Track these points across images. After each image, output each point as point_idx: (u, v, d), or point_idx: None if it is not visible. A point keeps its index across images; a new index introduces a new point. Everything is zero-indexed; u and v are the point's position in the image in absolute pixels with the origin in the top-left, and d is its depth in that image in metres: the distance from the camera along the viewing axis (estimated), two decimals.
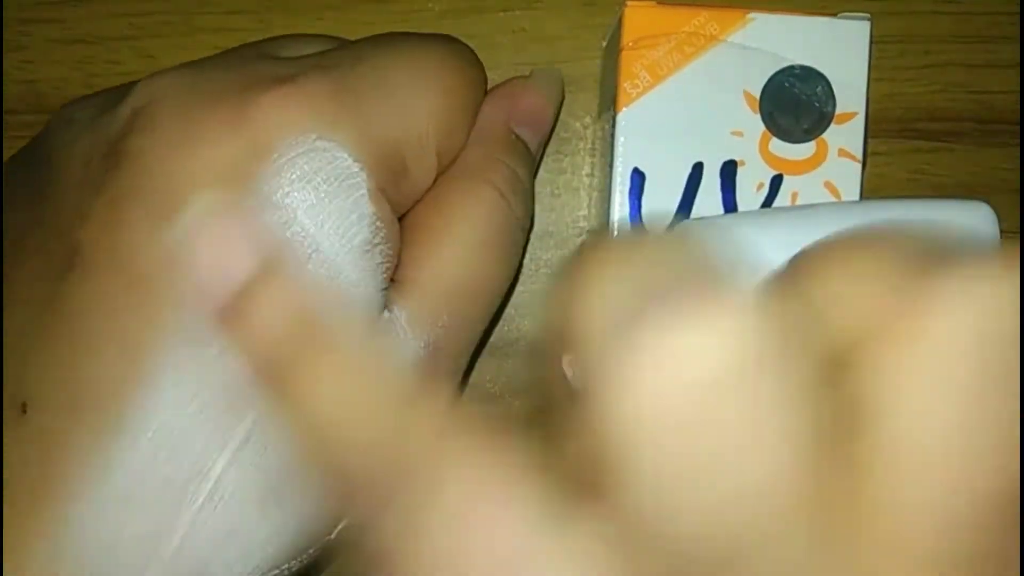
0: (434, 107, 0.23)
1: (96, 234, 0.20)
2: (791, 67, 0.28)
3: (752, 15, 0.28)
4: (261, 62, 0.22)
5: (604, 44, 0.32)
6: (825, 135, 0.28)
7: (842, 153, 0.28)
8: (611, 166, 0.28)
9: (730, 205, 0.28)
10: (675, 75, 0.28)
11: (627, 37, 0.28)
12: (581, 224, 0.33)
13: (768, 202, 0.28)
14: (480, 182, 0.24)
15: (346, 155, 0.21)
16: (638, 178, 0.28)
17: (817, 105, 0.28)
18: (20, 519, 0.19)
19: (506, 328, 0.33)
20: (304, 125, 0.21)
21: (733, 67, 0.28)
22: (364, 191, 0.21)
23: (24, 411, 0.19)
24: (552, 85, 0.29)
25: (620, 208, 0.27)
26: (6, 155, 0.32)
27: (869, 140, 0.29)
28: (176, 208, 0.19)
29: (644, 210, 0.27)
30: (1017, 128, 0.33)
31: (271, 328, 0.15)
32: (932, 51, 0.33)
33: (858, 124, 0.28)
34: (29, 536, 0.19)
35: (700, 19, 0.28)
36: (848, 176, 0.28)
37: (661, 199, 0.27)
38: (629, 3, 0.28)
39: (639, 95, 0.28)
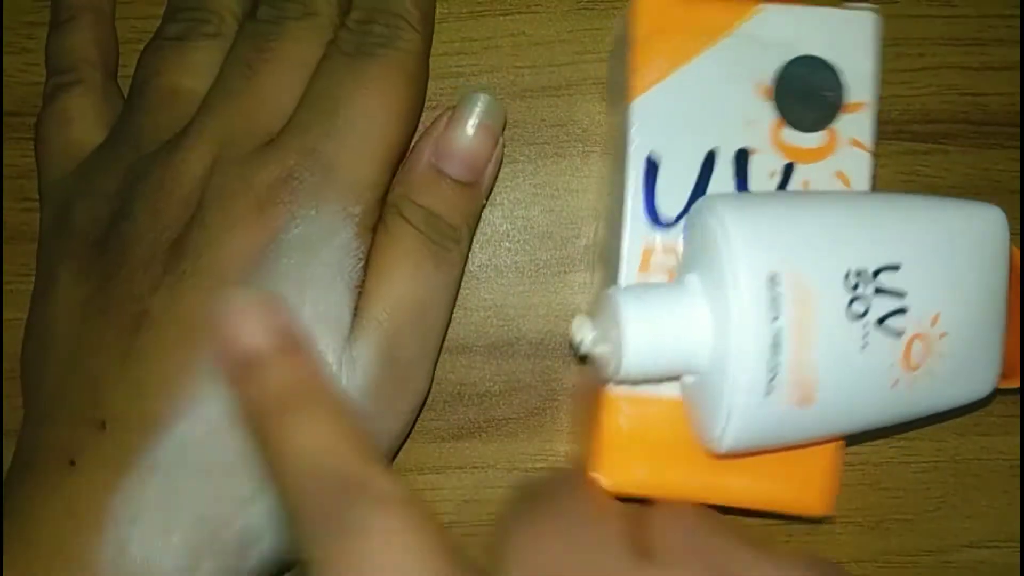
0: (390, 136, 0.28)
1: (165, 303, 0.26)
2: (801, 57, 0.28)
3: (761, 6, 0.28)
4: (269, 158, 0.27)
5: (613, 43, 0.32)
6: (835, 125, 0.28)
7: (853, 143, 0.28)
8: (624, 156, 0.28)
9: (744, 191, 0.28)
10: (687, 65, 0.28)
11: (640, 28, 0.28)
12: (580, 225, 0.33)
13: (780, 188, 0.28)
14: (394, 218, 0.28)
15: (334, 213, 0.27)
16: (651, 167, 0.27)
17: (827, 95, 0.28)
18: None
19: (506, 328, 0.33)
20: (302, 204, 0.27)
21: (744, 57, 0.28)
22: (351, 234, 0.27)
23: (103, 427, 0.26)
24: (481, 110, 0.30)
25: (634, 196, 0.27)
26: (7, 155, 0.33)
27: None
28: (220, 286, 0.26)
29: (657, 198, 0.28)
30: (1010, 130, 0.33)
31: (264, 390, 0.20)
32: (927, 54, 0.33)
33: (867, 114, 0.28)
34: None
35: (711, 10, 0.28)
36: (859, 165, 0.28)
37: (674, 187, 0.27)
38: None
39: (651, 84, 0.28)
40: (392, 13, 0.28)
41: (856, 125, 0.28)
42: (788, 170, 0.28)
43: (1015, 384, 0.28)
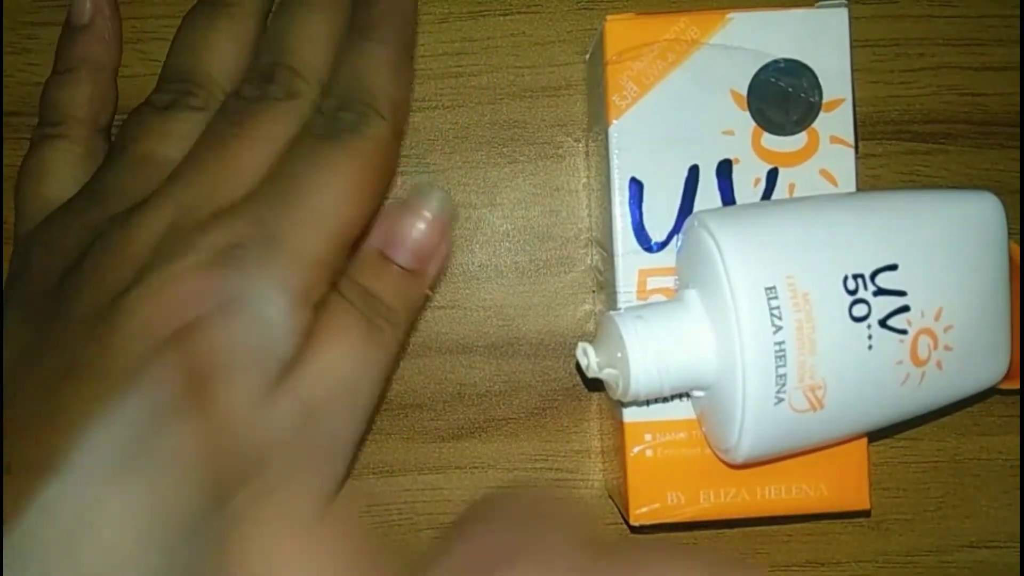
0: (342, 217, 0.28)
1: (92, 354, 0.26)
2: (774, 61, 0.28)
3: (730, 15, 0.28)
4: (219, 224, 0.28)
5: (587, 57, 0.32)
6: (815, 124, 0.28)
7: (834, 140, 0.28)
8: (608, 178, 0.28)
9: (729, 203, 0.28)
10: (661, 83, 0.28)
11: (610, 51, 0.28)
12: (580, 225, 0.33)
13: (766, 196, 0.28)
14: (333, 295, 0.29)
15: (271, 285, 0.27)
16: (636, 187, 0.28)
17: (804, 96, 0.28)
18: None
19: (506, 328, 0.33)
20: (242, 271, 0.27)
21: (717, 68, 0.28)
22: (285, 307, 0.27)
23: (9, 471, 0.25)
24: (430, 203, 0.30)
25: (622, 218, 0.28)
26: (8, 156, 0.33)
27: (864, 143, 0.29)
28: (151, 339, 0.26)
29: (645, 217, 0.28)
30: (1010, 130, 0.33)
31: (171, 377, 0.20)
32: (926, 54, 0.33)
33: (846, 110, 0.28)
34: None
35: (680, 25, 0.28)
36: (842, 162, 0.28)
37: (661, 205, 0.28)
38: (609, 17, 0.28)
39: (628, 106, 0.28)
40: (363, 102, 0.29)
41: (836, 122, 0.28)
42: (772, 175, 0.28)
43: (1015, 386, 0.28)
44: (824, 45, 0.28)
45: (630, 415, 0.28)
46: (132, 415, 0.25)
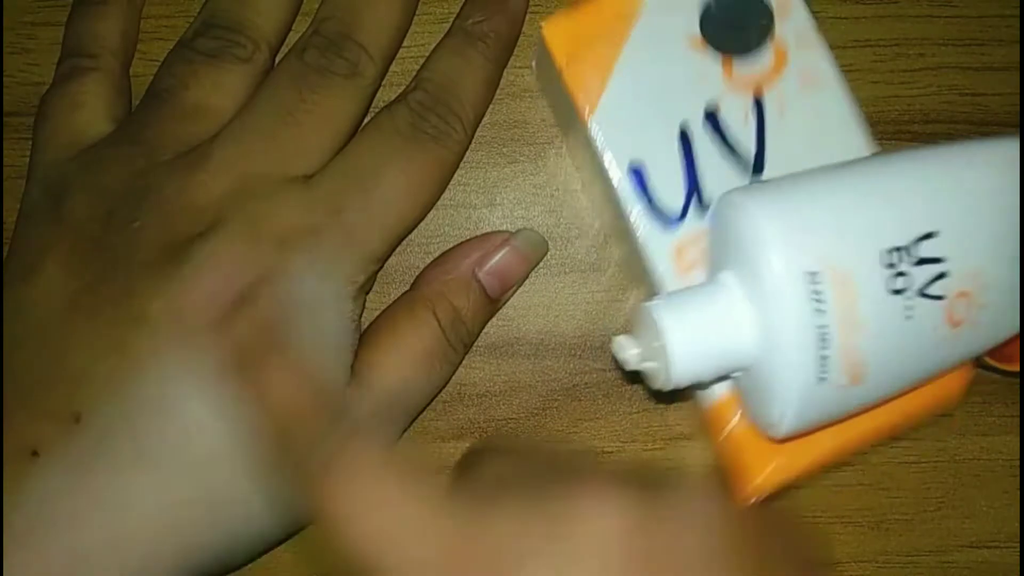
0: (408, 221, 0.30)
1: (164, 306, 0.26)
2: None
3: None
4: (295, 204, 0.28)
5: (533, 64, 0.32)
6: (777, 34, 0.28)
7: (800, 44, 0.28)
8: (604, 173, 0.28)
9: (729, 150, 0.28)
10: (618, 63, 0.27)
11: (559, 55, 0.28)
12: (579, 226, 0.33)
13: (761, 126, 0.28)
14: (425, 310, 0.30)
15: (342, 279, 0.28)
16: (636, 173, 0.27)
17: (754, 6, 0.28)
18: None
19: (506, 328, 0.33)
20: (316, 259, 0.28)
21: (664, 24, 0.28)
22: (350, 300, 0.28)
23: (78, 420, 0.25)
24: (533, 248, 0.32)
25: (635, 207, 0.27)
26: (7, 155, 0.33)
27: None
28: (221, 299, 0.26)
29: (655, 197, 0.27)
30: (1010, 130, 0.33)
31: (242, 336, 0.21)
32: (927, 54, 0.33)
33: (799, 7, 0.28)
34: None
35: (611, 1, 0.28)
36: (816, 61, 0.28)
37: (666, 178, 0.27)
38: (544, 23, 0.28)
39: (597, 99, 0.27)
40: (453, 111, 0.29)
41: (794, 24, 0.28)
42: (759, 106, 0.28)
43: (1015, 368, 0.28)
44: None
45: (708, 399, 0.27)
46: (196, 374, 0.26)
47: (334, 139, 0.29)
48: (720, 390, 0.27)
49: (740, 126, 0.28)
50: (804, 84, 0.28)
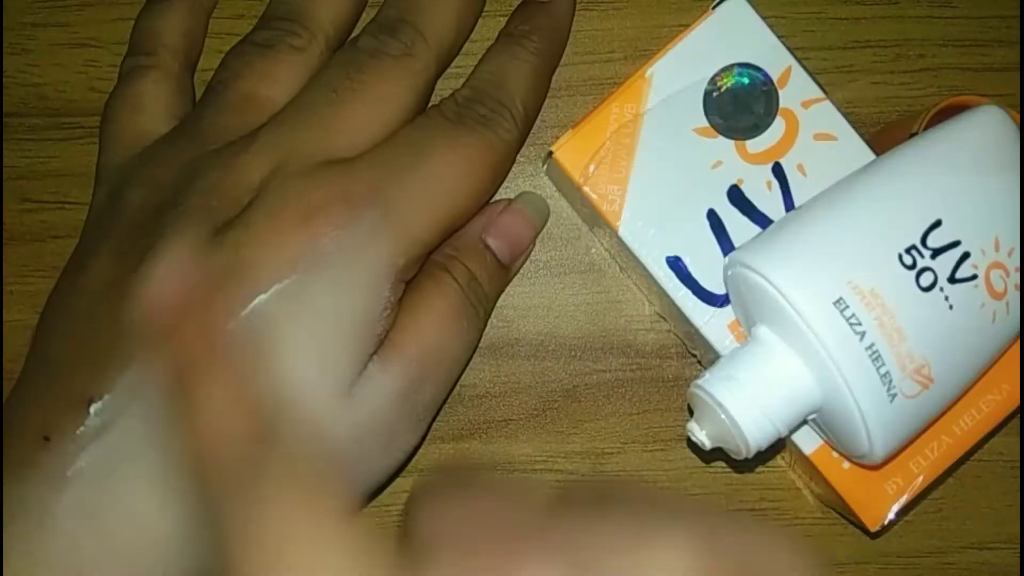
0: (453, 206, 0.29)
1: None
2: (710, 80, 0.28)
3: (648, 71, 0.28)
4: (332, 177, 0.27)
5: (544, 169, 0.32)
6: (782, 104, 0.28)
7: (806, 104, 0.28)
8: (644, 268, 0.28)
9: (758, 220, 0.28)
10: (634, 169, 0.28)
11: (576, 175, 0.28)
12: (580, 225, 0.33)
13: (785, 189, 0.28)
14: (443, 272, 0.29)
15: (378, 256, 0.27)
16: (676, 263, 0.28)
17: (754, 86, 0.28)
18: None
19: (506, 329, 0.33)
20: (352, 232, 0.27)
21: (669, 121, 0.28)
22: (387, 281, 0.27)
23: (88, 406, 0.25)
24: (534, 208, 0.32)
25: (683, 296, 0.28)
26: (7, 156, 0.33)
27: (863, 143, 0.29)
28: (252, 283, 0.26)
29: (699, 281, 0.28)
30: None
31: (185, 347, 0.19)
32: (926, 55, 0.33)
33: (799, 72, 0.28)
34: None
35: (614, 111, 0.28)
36: (826, 116, 0.28)
37: (706, 261, 0.28)
38: (554, 148, 0.28)
39: (622, 205, 0.28)
40: (499, 102, 0.29)
41: (796, 89, 0.28)
42: (778, 171, 0.28)
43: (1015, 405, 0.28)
44: (742, 36, 0.28)
45: (807, 446, 0.28)
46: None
47: (382, 122, 0.28)
48: (816, 437, 0.28)
49: (764, 195, 0.28)
50: (821, 142, 0.28)
